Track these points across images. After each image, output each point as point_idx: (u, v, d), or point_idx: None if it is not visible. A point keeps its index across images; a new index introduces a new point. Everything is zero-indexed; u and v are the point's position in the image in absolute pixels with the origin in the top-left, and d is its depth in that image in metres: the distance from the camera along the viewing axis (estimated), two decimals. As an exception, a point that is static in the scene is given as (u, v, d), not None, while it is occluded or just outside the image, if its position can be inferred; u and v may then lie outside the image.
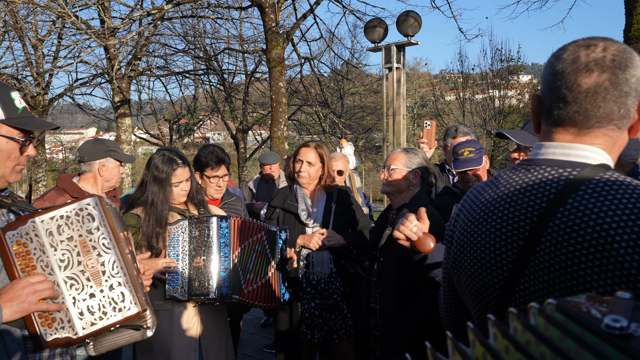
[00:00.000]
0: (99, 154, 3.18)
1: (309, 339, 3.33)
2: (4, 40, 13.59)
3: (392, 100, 9.01)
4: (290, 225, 3.40)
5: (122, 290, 1.62)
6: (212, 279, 2.64)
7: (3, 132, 1.62)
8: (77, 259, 1.60)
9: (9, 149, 1.63)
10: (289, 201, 3.46)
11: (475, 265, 1.19)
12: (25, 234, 1.57)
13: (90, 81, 14.80)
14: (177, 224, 2.70)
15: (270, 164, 5.95)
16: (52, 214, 1.61)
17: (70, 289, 1.60)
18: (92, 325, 1.60)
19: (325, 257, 3.33)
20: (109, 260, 1.62)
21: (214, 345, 2.76)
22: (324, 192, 3.47)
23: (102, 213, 1.65)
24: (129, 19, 10.11)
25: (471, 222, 1.22)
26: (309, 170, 3.41)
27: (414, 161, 2.86)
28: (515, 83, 19.95)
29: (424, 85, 36.80)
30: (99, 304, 1.61)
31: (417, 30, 8.80)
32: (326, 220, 3.40)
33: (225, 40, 15.34)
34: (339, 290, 3.34)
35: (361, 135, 23.81)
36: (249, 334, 5.80)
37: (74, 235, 1.61)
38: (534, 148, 1.20)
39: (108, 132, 36.88)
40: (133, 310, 1.61)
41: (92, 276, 1.61)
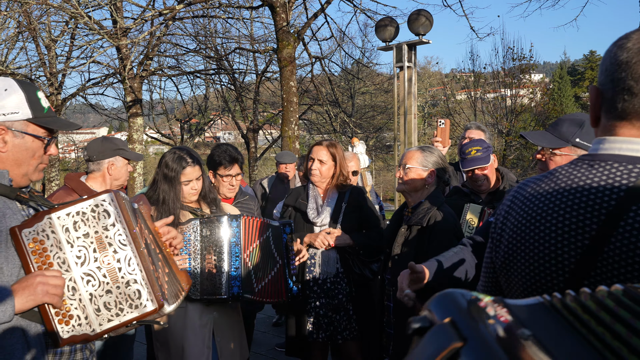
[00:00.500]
0: (107, 153, 3.19)
1: (314, 338, 3.32)
2: (18, 41, 13.73)
3: (403, 100, 8.98)
4: (300, 224, 3.40)
5: (138, 288, 1.61)
6: (224, 279, 2.65)
7: (29, 130, 1.65)
8: (93, 256, 1.61)
9: (34, 148, 1.67)
10: (300, 200, 3.46)
11: (531, 266, 1.10)
12: (41, 231, 1.58)
13: (102, 81, 14.92)
14: (189, 223, 2.71)
15: (286, 163, 5.95)
16: (68, 210, 1.61)
17: (87, 285, 1.60)
18: (109, 321, 1.60)
19: (331, 256, 3.32)
20: (125, 257, 1.62)
21: (228, 343, 2.78)
22: (335, 191, 3.46)
23: (119, 209, 1.64)
24: (141, 19, 10.17)
25: (526, 220, 1.14)
26: (320, 168, 3.40)
27: (430, 160, 2.84)
28: (527, 82, 19.82)
29: (435, 85, 36.67)
30: (115, 301, 1.61)
31: (429, 29, 8.76)
32: (335, 219, 3.38)
33: (236, 39, 15.39)
34: (345, 290, 3.32)
35: (372, 134, 23.78)
36: (261, 332, 5.81)
37: (90, 232, 1.61)
38: (595, 143, 1.13)
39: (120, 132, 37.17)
40: (149, 307, 1.61)
41: (109, 273, 1.61)
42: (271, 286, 2.82)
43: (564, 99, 41.91)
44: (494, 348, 0.55)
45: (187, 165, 2.75)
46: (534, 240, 1.10)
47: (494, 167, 3.31)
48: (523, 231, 1.14)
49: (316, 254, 3.34)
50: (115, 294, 1.61)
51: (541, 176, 1.18)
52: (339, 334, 3.30)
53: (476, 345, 0.56)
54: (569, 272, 1.03)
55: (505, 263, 1.18)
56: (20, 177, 1.68)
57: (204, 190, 2.86)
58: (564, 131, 1.99)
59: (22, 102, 1.63)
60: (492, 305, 0.64)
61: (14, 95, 1.63)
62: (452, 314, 0.63)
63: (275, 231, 2.92)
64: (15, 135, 1.63)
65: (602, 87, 1.08)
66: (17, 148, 1.64)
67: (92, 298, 1.60)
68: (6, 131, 1.62)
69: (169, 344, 2.68)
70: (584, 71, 51.36)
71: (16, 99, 1.63)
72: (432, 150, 2.89)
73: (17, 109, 1.62)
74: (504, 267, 1.18)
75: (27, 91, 1.66)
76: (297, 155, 9.64)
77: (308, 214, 3.37)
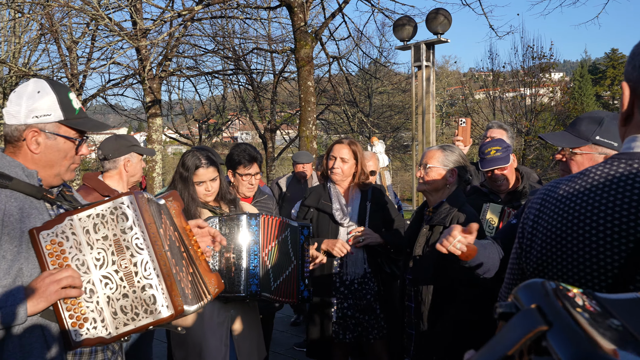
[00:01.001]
0: (123, 150, 3.22)
1: (340, 339, 3.30)
2: (40, 43, 13.96)
3: (421, 99, 8.94)
4: (325, 225, 3.37)
5: (153, 293, 1.58)
6: (242, 277, 2.65)
7: (61, 132, 1.69)
8: (111, 259, 1.60)
9: (66, 149, 1.71)
10: (322, 200, 3.41)
11: (570, 272, 1.05)
12: (61, 233, 1.58)
13: (122, 82, 15.10)
14: (208, 221, 2.72)
15: (303, 162, 5.95)
16: (89, 212, 1.61)
17: (105, 287, 1.59)
18: (125, 325, 1.59)
19: (359, 256, 3.29)
20: (142, 261, 1.60)
21: (245, 342, 2.79)
22: (358, 190, 3.43)
23: (138, 211, 1.61)
24: (160, 20, 10.27)
25: (561, 224, 1.08)
26: (342, 166, 3.36)
27: (451, 159, 2.81)
28: (547, 81, 19.56)
29: (453, 84, 36.41)
30: (131, 305, 1.59)
31: (447, 28, 8.70)
32: (362, 218, 3.35)
33: (254, 40, 15.44)
34: (373, 290, 3.29)
35: (389, 134, 23.69)
36: (280, 332, 5.83)
37: (109, 235, 1.60)
38: (628, 141, 1.07)
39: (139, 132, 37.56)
40: (164, 314, 1.58)
41: (125, 276, 1.59)
42: (284, 286, 2.83)
43: (585, 98, 41.28)
44: (579, 333, 0.58)
45: (199, 167, 2.77)
46: (572, 245, 1.04)
47: (513, 167, 3.28)
48: (559, 235, 1.07)
49: (344, 255, 3.28)
50: (132, 298, 1.59)
51: (573, 176, 1.13)
52: (369, 334, 3.27)
53: (562, 329, 0.59)
54: (612, 276, 0.98)
55: (538, 269, 1.12)
56: (52, 177, 1.71)
57: (221, 191, 2.88)
58: (583, 130, 1.95)
59: (54, 104, 1.67)
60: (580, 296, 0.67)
61: (46, 97, 1.66)
62: (539, 300, 0.65)
63: (293, 231, 2.93)
64: (47, 137, 1.67)
65: (635, 83, 1.03)
66: (49, 149, 1.67)
67: (110, 301, 1.59)
68: (39, 133, 1.65)
69: (187, 342, 2.70)
70: (606, 70, 50.54)
71: (48, 101, 1.66)
72: (452, 149, 2.86)
73: (49, 111, 1.66)
74: (538, 273, 1.12)
75: (58, 93, 1.68)
76: (315, 155, 9.65)
77: (334, 215, 3.33)
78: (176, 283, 1.64)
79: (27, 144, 1.65)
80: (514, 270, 1.24)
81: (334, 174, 3.38)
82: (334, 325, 3.30)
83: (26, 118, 1.64)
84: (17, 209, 1.57)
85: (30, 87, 1.67)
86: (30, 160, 1.66)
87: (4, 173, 1.57)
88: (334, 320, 3.30)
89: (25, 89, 1.66)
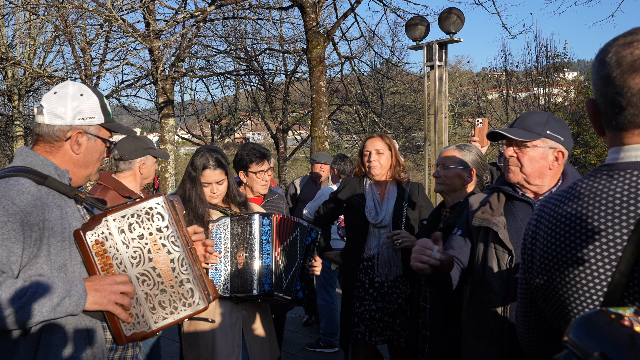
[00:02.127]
0: (139, 152, 3.23)
1: (366, 340, 3.23)
2: (54, 44, 14.10)
3: (433, 99, 8.89)
4: (355, 223, 3.30)
5: (191, 287, 1.70)
6: (255, 276, 2.65)
7: (101, 134, 1.77)
8: (148, 256, 1.68)
9: (101, 150, 1.79)
10: (355, 197, 3.33)
11: (567, 285, 1.08)
12: (101, 233, 1.65)
13: (135, 83, 15.19)
14: (219, 221, 2.73)
15: (322, 163, 5.94)
16: (123, 212, 1.68)
17: (142, 284, 1.68)
18: (164, 319, 1.68)
19: (393, 259, 3.20)
20: (178, 258, 1.70)
21: (257, 342, 2.78)
22: (395, 188, 3.34)
23: (170, 212, 1.71)
24: (173, 21, 10.32)
25: (555, 239, 1.12)
26: (379, 159, 3.28)
27: (469, 158, 2.77)
28: (561, 80, 19.38)
29: (466, 84, 36.18)
30: (169, 299, 1.69)
31: (460, 28, 8.64)
32: (396, 220, 3.24)
33: (266, 40, 15.47)
34: (405, 293, 3.21)
35: (401, 134, 23.59)
36: (292, 332, 5.83)
37: (145, 233, 1.68)
38: (611, 153, 1.11)
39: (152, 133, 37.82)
40: (201, 305, 1.71)
41: (163, 273, 1.69)
42: (289, 284, 2.82)
43: (600, 98, 40.73)
44: None
45: (207, 167, 2.77)
46: (565, 262, 1.08)
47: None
48: (554, 250, 1.11)
49: (375, 257, 3.23)
50: (170, 293, 1.69)
51: (563, 192, 1.16)
52: (400, 337, 3.21)
53: None
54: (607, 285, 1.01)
55: (539, 284, 1.16)
56: (84, 177, 1.78)
57: (231, 193, 2.87)
58: (533, 126, 2.01)
59: (97, 107, 1.75)
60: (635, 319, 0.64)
61: (90, 100, 1.73)
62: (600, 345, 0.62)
63: (302, 231, 2.92)
64: (89, 139, 1.73)
65: (597, 100, 1.08)
66: (89, 150, 1.74)
67: (148, 297, 1.68)
68: (82, 134, 1.71)
69: (199, 343, 2.70)
70: (621, 69, 49.89)
71: (93, 104, 1.73)
72: (470, 149, 2.81)
73: (94, 113, 1.73)
74: (540, 288, 1.16)
75: (99, 97, 1.77)
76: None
77: (366, 214, 3.26)
78: (203, 276, 1.77)
79: (70, 144, 1.70)
80: (523, 285, 1.26)
81: (372, 167, 3.29)
82: (361, 326, 3.25)
83: (73, 119, 1.69)
84: (56, 206, 1.62)
85: (71, 89, 1.71)
86: (69, 160, 1.72)
87: (39, 171, 1.63)
88: (361, 320, 3.24)
89: (66, 91, 1.70)
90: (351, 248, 3.35)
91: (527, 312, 1.26)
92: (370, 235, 3.27)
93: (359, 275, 3.27)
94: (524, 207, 2.04)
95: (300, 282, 2.87)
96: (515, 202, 2.07)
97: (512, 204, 2.07)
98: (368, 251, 3.27)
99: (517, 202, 2.06)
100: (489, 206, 2.07)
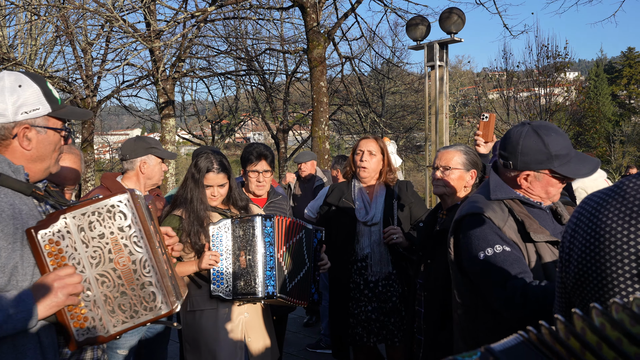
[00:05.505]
0: (140, 152, 3.16)
1: (364, 342, 3.23)
2: (56, 45, 14.10)
3: (434, 99, 8.89)
4: (346, 224, 3.29)
5: (153, 290, 1.59)
6: (258, 278, 2.65)
7: (50, 124, 1.63)
8: (108, 257, 1.57)
9: (55, 141, 1.65)
10: (344, 199, 3.33)
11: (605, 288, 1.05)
12: (57, 232, 1.54)
13: (136, 83, 15.19)
14: (220, 223, 2.72)
15: (300, 162, 6.05)
16: (83, 209, 1.57)
17: (102, 286, 1.57)
18: (124, 323, 1.58)
19: (385, 257, 3.21)
20: (141, 260, 1.59)
21: (259, 343, 2.78)
22: (384, 186, 3.34)
23: (135, 210, 1.60)
24: (174, 22, 10.32)
25: (594, 239, 1.08)
26: (370, 160, 3.28)
27: (470, 160, 2.73)
28: (562, 80, 19.40)
29: (466, 84, 36.17)
30: (130, 302, 1.57)
31: (461, 28, 8.63)
32: (387, 217, 3.24)
33: (267, 40, 15.48)
34: (398, 292, 3.22)
35: (402, 134, 23.59)
36: (292, 333, 5.82)
37: (106, 233, 1.57)
38: None
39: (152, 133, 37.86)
40: (164, 310, 1.59)
41: (124, 274, 1.58)
42: (298, 288, 2.80)
43: (601, 98, 40.80)
44: None
45: (210, 170, 2.76)
46: (605, 260, 1.05)
47: None
48: (592, 250, 1.08)
49: (368, 256, 3.23)
50: (130, 296, 1.58)
51: (609, 190, 1.13)
52: (395, 336, 3.21)
53: None
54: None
55: (576, 284, 1.13)
56: (42, 171, 1.65)
57: (232, 197, 2.87)
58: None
59: (40, 96, 1.60)
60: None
61: (30, 90, 1.59)
62: None
63: (307, 233, 2.91)
64: (38, 132, 1.60)
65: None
66: (41, 144, 1.62)
67: (107, 299, 1.57)
68: (30, 128, 1.58)
69: (200, 345, 2.70)
70: (622, 69, 49.86)
71: (34, 94, 1.59)
72: (469, 150, 2.77)
73: (37, 104, 1.59)
74: (576, 288, 1.14)
75: (40, 84, 1.61)
76: (327, 155, 9.63)
77: (357, 214, 3.25)
78: (168, 279, 1.65)
79: (18, 141, 1.58)
80: (559, 285, 1.24)
81: (362, 168, 3.29)
82: (359, 328, 3.24)
83: (15, 115, 1.55)
84: (8, 205, 1.50)
85: (7, 81, 1.57)
86: (21, 156, 1.59)
87: None
88: (358, 322, 3.23)
89: (2, 84, 1.56)
90: (341, 251, 3.29)
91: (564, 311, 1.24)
92: (362, 235, 3.26)
93: (354, 277, 3.25)
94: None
95: (313, 284, 2.87)
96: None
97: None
98: (361, 251, 3.26)
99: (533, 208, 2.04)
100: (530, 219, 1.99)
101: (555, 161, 1.89)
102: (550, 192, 1.98)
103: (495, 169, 2.10)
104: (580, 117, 18.71)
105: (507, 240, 1.90)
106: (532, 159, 1.91)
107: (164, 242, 1.87)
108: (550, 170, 1.92)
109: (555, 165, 1.90)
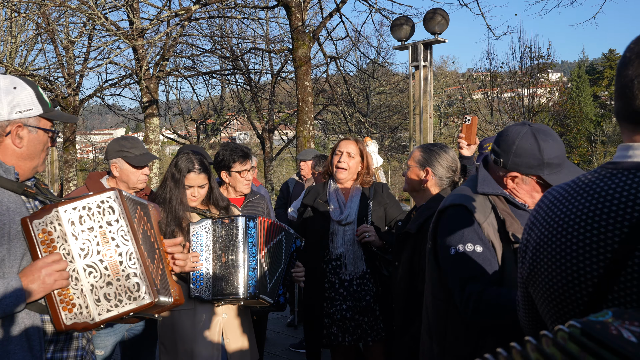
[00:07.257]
0: (111, 154, 3.07)
1: (339, 342, 3.24)
2: (36, 43, 13.92)
3: (418, 99, 8.92)
4: (320, 224, 3.29)
5: (137, 281, 1.69)
6: (240, 279, 2.62)
7: (41, 125, 1.75)
8: (96, 249, 1.69)
9: (44, 141, 1.78)
10: (319, 199, 3.34)
11: (554, 279, 1.06)
12: (49, 223, 1.66)
13: (119, 82, 15.05)
14: (201, 223, 2.69)
15: (301, 160, 5.89)
16: (75, 204, 1.69)
17: (89, 276, 1.67)
18: (108, 312, 1.67)
19: (359, 256, 3.23)
20: (127, 252, 1.70)
21: (237, 344, 2.76)
22: (359, 187, 3.35)
23: (122, 206, 1.72)
24: (157, 20, 10.23)
25: (549, 232, 1.10)
26: (348, 162, 3.29)
27: (427, 158, 2.70)
28: (544, 81, 19.60)
29: (451, 84, 36.41)
30: (115, 292, 1.68)
31: (445, 28, 8.69)
32: (361, 217, 3.26)
33: (252, 40, 15.42)
34: (372, 291, 3.23)
35: (387, 134, 23.68)
36: (276, 333, 5.80)
37: (95, 226, 1.69)
38: (620, 149, 1.08)
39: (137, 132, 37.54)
40: (147, 300, 1.68)
41: (110, 265, 1.69)
42: (274, 288, 2.79)
43: (582, 98, 41.35)
44: None
45: (191, 171, 2.73)
46: (556, 253, 1.06)
47: None
48: (545, 242, 1.09)
49: (343, 256, 3.24)
50: (115, 286, 1.69)
51: (565, 185, 1.14)
52: (368, 336, 3.22)
53: None
54: (592, 285, 0.99)
55: (530, 275, 1.14)
56: (30, 170, 1.77)
57: (213, 197, 2.85)
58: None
59: (33, 98, 1.73)
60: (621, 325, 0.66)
61: (24, 92, 1.71)
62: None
63: (288, 237, 2.90)
64: (30, 131, 1.72)
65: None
66: (31, 143, 1.73)
67: (93, 289, 1.68)
68: (22, 127, 1.70)
69: (177, 347, 2.66)
70: (603, 70, 50.62)
71: (28, 96, 1.72)
72: (436, 150, 2.73)
73: (31, 105, 1.71)
74: (530, 279, 1.15)
75: (33, 87, 1.74)
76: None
77: (331, 214, 3.26)
78: (152, 272, 1.76)
79: (11, 138, 1.69)
80: (518, 277, 1.25)
81: (339, 169, 3.30)
82: (334, 327, 3.25)
83: (10, 114, 1.67)
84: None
85: (2, 83, 1.69)
86: (12, 154, 1.70)
87: None
88: (333, 322, 3.24)
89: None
90: (315, 251, 3.28)
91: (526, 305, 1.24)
92: (336, 234, 3.27)
93: (329, 276, 3.26)
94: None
95: (282, 287, 2.85)
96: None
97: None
98: (335, 250, 3.27)
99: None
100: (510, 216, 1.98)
101: (545, 169, 1.86)
102: (535, 198, 1.95)
103: (485, 164, 2.07)
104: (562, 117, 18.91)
105: (483, 239, 1.88)
106: (524, 161, 1.88)
107: (162, 246, 2.00)
108: (538, 177, 1.90)
109: (545, 172, 1.87)
